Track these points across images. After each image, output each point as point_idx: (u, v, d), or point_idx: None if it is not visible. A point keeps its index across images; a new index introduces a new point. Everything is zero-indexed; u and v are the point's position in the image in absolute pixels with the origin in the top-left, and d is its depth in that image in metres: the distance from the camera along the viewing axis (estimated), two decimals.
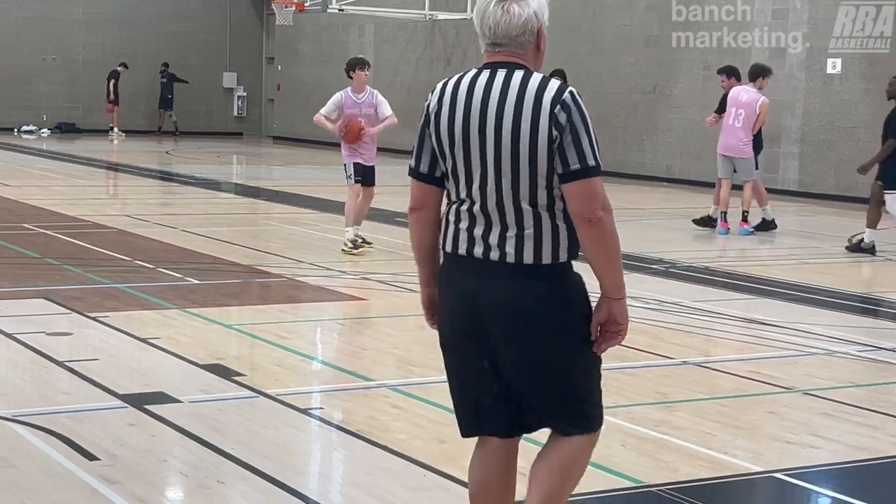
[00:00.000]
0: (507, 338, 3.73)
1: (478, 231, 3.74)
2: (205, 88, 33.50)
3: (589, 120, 3.64)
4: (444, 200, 3.90)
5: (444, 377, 3.55)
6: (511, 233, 3.69)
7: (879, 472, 5.73)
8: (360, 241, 12.06)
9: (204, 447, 5.63)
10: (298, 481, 5.27)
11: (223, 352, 7.66)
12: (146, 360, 7.37)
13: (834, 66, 19.80)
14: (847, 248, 13.32)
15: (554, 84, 3.65)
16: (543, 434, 3.98)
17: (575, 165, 3.59)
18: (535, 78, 3.66)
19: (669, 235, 14.58)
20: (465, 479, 5.25)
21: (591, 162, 3.60)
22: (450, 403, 6.49)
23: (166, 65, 32.24)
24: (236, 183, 22.09)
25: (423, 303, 4.03)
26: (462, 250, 3.78)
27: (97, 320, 8.40)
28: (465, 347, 3.84)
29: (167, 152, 27.60)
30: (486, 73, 3.73)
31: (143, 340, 7.83)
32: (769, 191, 20.66)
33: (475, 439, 4.06)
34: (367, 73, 12.19)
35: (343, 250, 11.96)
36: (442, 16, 26.78)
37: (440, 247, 3.89)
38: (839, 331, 9.04)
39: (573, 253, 3.72)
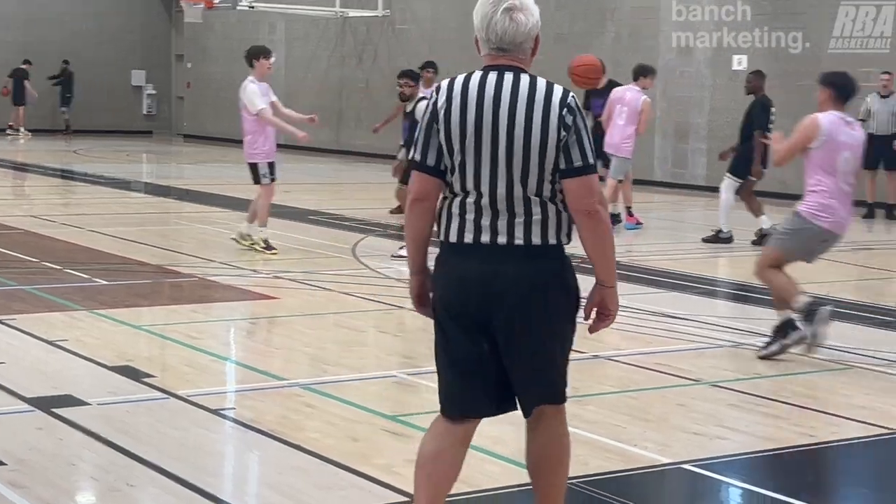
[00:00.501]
0: (513, 315, 3.98)
1: (485, 221, 4.01)
2: (113, 86, 33.03)
3: (587, 123, 4.02)
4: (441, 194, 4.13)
5: (357, 375, 3.61)
6: (519, 220, 4.00)
7: (785, 461, 5.84)
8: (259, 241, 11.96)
9: (113, 450, 5.57)
10: (210, 483, 5.23)
11: (132, 353, 7.58)
12: (54, 363, 7.27)
13: (740, 62, 20.11)
14: (753, 241, 13.58)
15: (559, 88, 4.00)
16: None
17: (578, 163, 3.96)
18: (542, 82, 4.01)
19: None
20: (378, 476, 5.29)
21: (591, 160, 3.99)
22: (363, 401, 6.54)
23: (67, 62, 31.69)
24: (146, 182, 21.83)
25: (413, 290, 4.25)
26: (469, 239, 4.04)
27: (3, 323, 8.26)
28: (465, 332, 4.06)
29: (75, 151, 27.18)
30: (493, 75, 4.03)
31: (51, 343, 7.72)
32: (679, 186, 21.00)
33: (387, 438, 4.08)
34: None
35: (256, 249, 11.89)
36: (353, 13, 26.72)
37: (440, 237, 4.13)
38: (746, 323, 9.20)
39: (570, 238, 4.07)
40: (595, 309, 4.14)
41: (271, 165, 11.92)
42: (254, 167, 11.90)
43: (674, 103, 21.35)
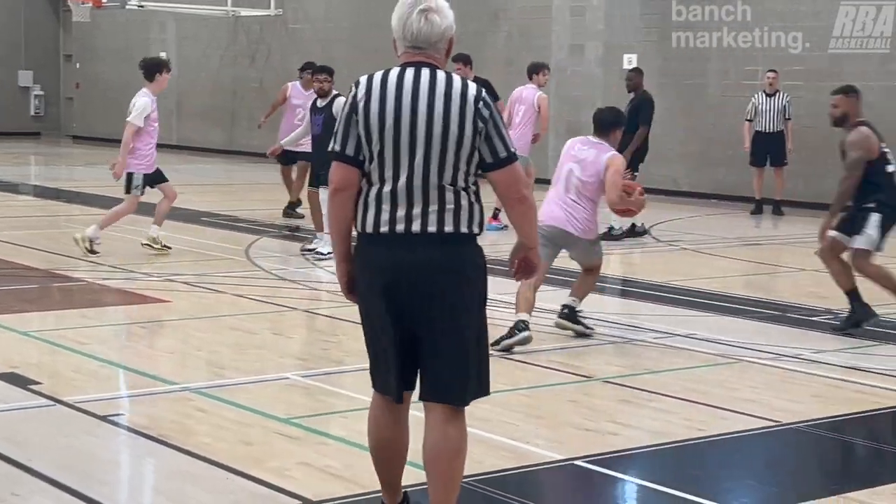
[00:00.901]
0: (428, 301, 4.20)
1: (400, 210, 4.21)
2: None
3: (502, 116, 4.38)
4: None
5: (251, 378, 3.63)
6: (433, 208, 4.20)
7: (676, 455, 5.93)
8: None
9: None
10: (99, 491, 5.14)
11: (18, 360, 7.41)
12: None
13: (630, 61, 20.35)
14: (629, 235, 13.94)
15: (473, 84, 4.26)
16: None
17: (503, 154, 4.24)
18: (457, 78, 4.27)
19: None
20: (270, 479, 5.25)
21: (512, 150, 4.27)
22: (256, 404, 6.49)
23: None
24: (34, 184, 21.39)
25: (341, 277, 4.45)
26: (384, 229, 4.22)
27: None
28: (385, 319, 4.26)
29: None
30: (411, 71, 4.25)
31: None
32: None
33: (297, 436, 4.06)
34: None
35: (154, 246, 11.75)
36: (245, 12, 26.48)
37: (358, 227, 4.31)
38: (636, 319, 9.32)
39: (482, 228, 4.32)
40: (518, 262, 4.49)
41: (145, 177, 11.69)
42: (130, 176, 11.68)
43: (566, 102, 21.55)
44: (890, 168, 9.01)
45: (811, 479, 5.68)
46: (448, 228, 4.21)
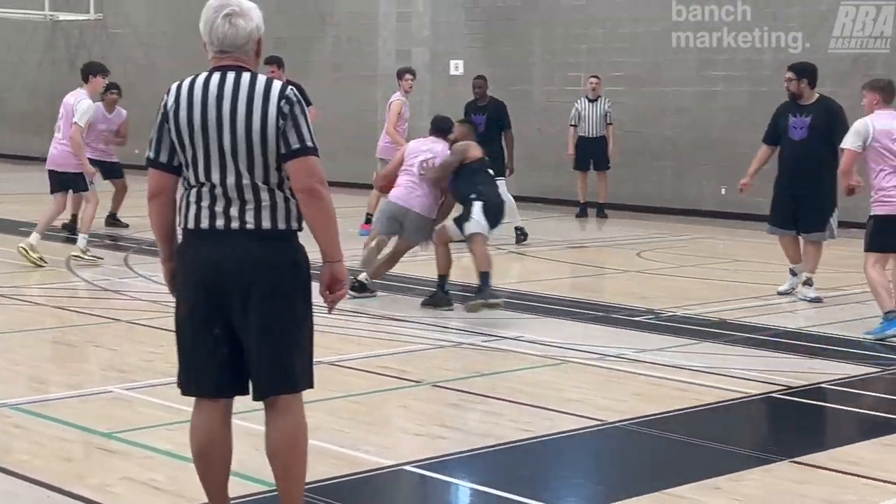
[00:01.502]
0: (247, 296, 4.25)
1: (219, 208, 4.29)
2: None
3: (307, 112, 4.33)
4: (181, 187, 4.42)
5: (72, 392, 3.55)
6: (249, 206, 4.28)
7: (504, 457, 5.98)
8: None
9: None
10: None
11: None
12: None
13: (457, 67, 20.56)
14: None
15: (278, 83, 4.32)
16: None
17: (296, 145, 4.25)
18: (262, 78, 4.33)
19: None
20: (92, 496, 5.11)
21: (309, 143, 4.28)
22: (77, 419, 6.30)
23: None
24: None
25: (166, 277, 4.54)
26: (204, 225, 4.31)
27: None
28: (203, 314, 4.32)
29: None
30: (217, 75, 4.34)
31: None
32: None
33: (117, 450, 3.95)
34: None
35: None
36: (63, 16, 25.77)
37: (180, 226, 4.40)
38: (465, 322, 9.38)
39: (300, 225, 4.36)
40: (329, 283, 4.41)
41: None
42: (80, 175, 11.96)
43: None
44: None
45: (635, 476, 5.80)
46: (266, 225, 4.29)
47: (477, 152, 10.16)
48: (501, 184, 13.74)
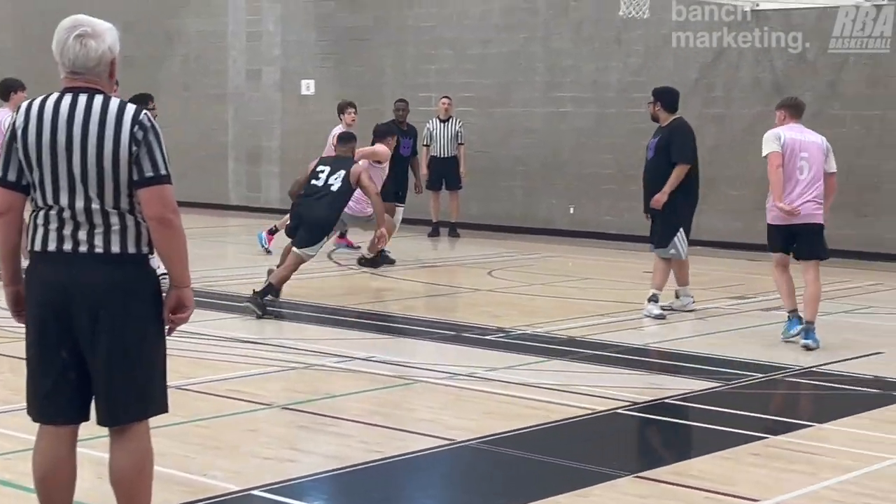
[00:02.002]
0: (96, 320, 4.22)
1: (67, 231, 4.25)
2: None
3: (161, 138, 4.28)
4: (29, 207, 4.37)
5: None
6: (98, 230, 4.24)
7: (353, 479, 5.96)
8: None
9: None
10: None
11: None
12: None
13: (308, 87, 20.52)
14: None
15: (132, 107, 4.28)
16: None
17: (149, 173, 4.22)
18: (115, 101, 4.28)
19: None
20: None
21: (163, 171, 4.25)
22: None
23: None
24: None
25: (9, 300, 4.47)
26: (52, 248, 4.26)
27: None
28: (50, 337, 4.28)
29: None
30: (68, 97, 4.28)
31: None
32: (253, 210, 21.09)
33: None
34: None
35: None
36: None
37: (27, 248, 4.33)
38: (317, 344, 9.34)
39: (151, 248, 4.33)
40: (174, 306, 4.40)
41: None
42: None
43: (245, 127, 21.45)
44: None
45: (484, 495, 5.84)
46: (115, 249, 4.26)
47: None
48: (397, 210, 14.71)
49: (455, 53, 18.99)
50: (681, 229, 10.81)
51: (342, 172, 11.10)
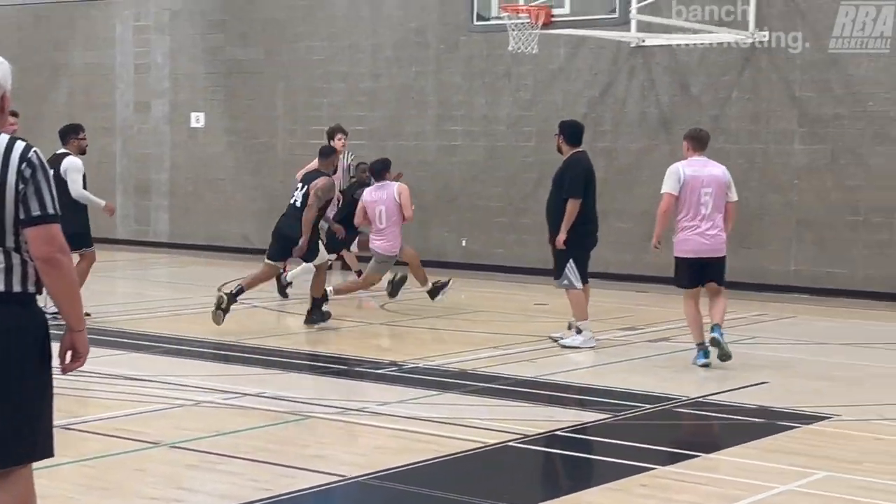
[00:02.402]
0: None
1: None
2: None
3: (50, 176, 4.19)
4: None
5: None
6: None
7: None
8: None
9: None
10: None
11: None
12: None
13: (197, 120, 20.35)
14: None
15: (21, 144, 4.16)
16: None
17: (36, 213, 4.10)
18: (3, 138, 4.16)
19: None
20: None
21: (51, 211, 4.13)
22: None
23: None
24: None
25: None
26: None
27: None
28: None
29: None
30: None
31: None
32: (142, 244, 20.82)
33: None
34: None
35: None
36: None
37: None
38: (207, 380, 9.23)
39: (39, 288, 4.23)
40: (68, 352, 4.31)
41: None
42: None
43: (134, 160, 21.19)
44: None
45: None
46: (1, 288, 4.13)
47: None
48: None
49: (347, 87, 19.00)
50: (571, 260, 10.92)
51: (306, 188, 11.58)
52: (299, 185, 12.25)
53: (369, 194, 13.49)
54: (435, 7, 18.23)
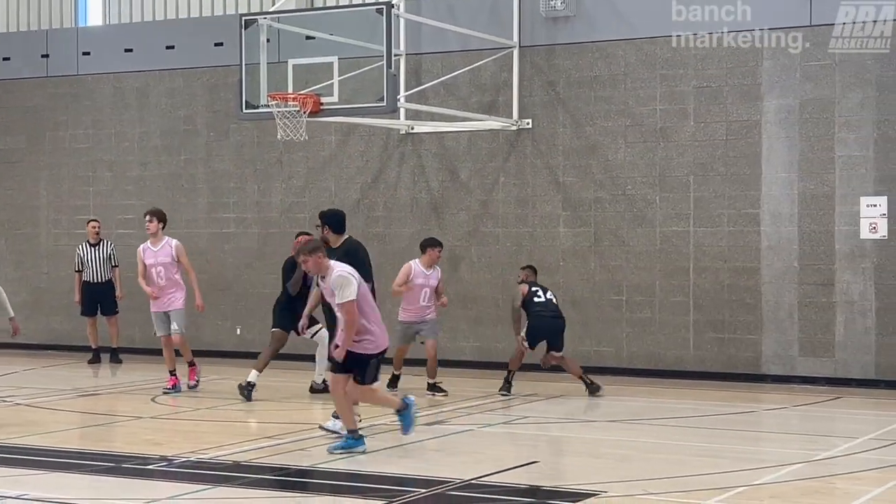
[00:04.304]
0: None
1: None
2: None
3: None
4: None
5: None
6: None
7: None
8: None
9: None
10: None
11: None
12: None
13: None
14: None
15: None
16: None
17: None
18: None
19: None
20: None
21: None
22: None
23: None
24: None
25: None
26: None
27: None
28: None
29: None
30: None
31: None
32: None
33: None
34: None
35: None
36: None
37: None
38: None
39: None
40: None
41: None
42: None
43: None
44: None
45: None
46: None
47: None
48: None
49: (114, 175, 18.64)
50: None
51: None
52: None
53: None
54: (203, 95, 18.15)
